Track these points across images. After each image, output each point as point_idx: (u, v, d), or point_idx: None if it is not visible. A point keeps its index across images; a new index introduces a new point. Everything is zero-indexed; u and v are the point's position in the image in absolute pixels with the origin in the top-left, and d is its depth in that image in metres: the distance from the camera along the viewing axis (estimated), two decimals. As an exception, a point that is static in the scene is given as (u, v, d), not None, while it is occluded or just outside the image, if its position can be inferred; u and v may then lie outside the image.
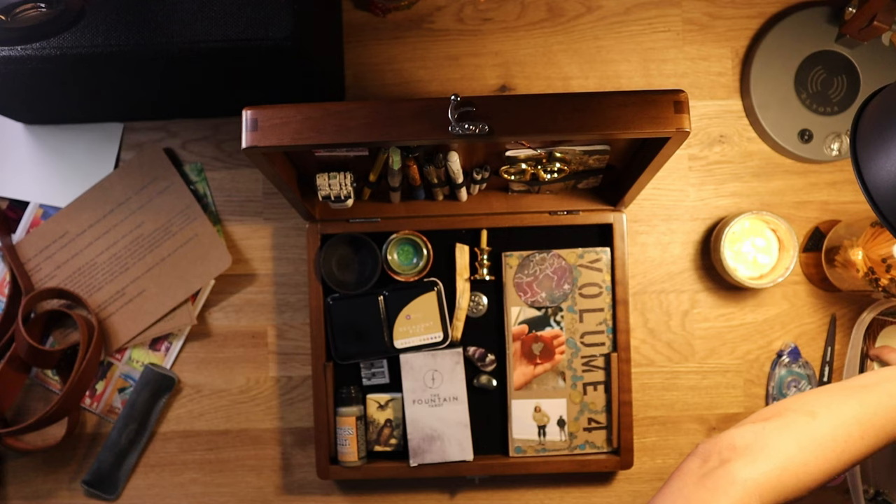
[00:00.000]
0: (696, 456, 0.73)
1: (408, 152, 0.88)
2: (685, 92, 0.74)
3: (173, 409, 1.05)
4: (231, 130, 1.06)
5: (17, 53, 0.81)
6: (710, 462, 0.71)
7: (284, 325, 1.05)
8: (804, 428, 0.73)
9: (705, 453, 0.72)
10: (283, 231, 1.06)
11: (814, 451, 0.72)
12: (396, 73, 1.06)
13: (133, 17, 0.82)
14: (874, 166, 0.67)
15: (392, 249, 1.01)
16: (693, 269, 1.05)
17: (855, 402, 0.75)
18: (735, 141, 1.05)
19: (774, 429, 0.73)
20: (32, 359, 1.00)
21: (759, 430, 0.73)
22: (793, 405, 0.76)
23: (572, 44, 1.06)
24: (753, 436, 0.73)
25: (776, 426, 0.73)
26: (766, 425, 0.74)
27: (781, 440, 0.72)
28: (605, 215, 1.00)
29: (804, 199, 1.05)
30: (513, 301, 1.01)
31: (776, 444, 0.72)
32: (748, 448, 0.71)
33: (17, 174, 1.05)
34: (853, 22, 0.98)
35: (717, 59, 1.06)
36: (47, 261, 1.04)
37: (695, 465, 0.72)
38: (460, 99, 0.73)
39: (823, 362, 1.04)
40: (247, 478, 1.04)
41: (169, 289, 1.03)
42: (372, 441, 1.01)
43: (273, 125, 0.74)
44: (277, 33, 0.81)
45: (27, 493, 1.04)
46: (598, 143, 0.87)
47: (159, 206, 1.04)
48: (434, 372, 1.00)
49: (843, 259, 0.98)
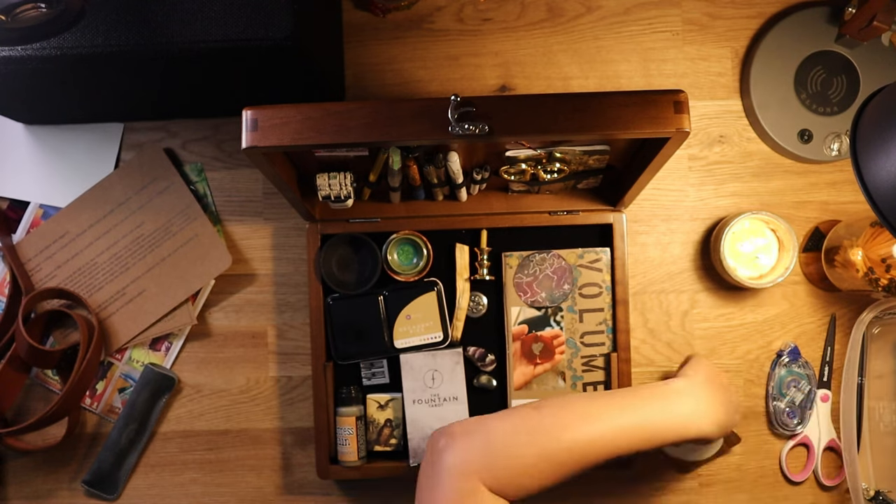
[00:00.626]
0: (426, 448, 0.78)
1: (408, 152, 0.88)
2: (685, 92, 0.74)
3: (173, 409, 1.05)
4: (231, 130, 1.06)
5: (17, 53, 0.81)
6: (432, 456, 0.76)
7: (284, 325, 1.05)
8: (523, 416, 0.78)
9: (430, 445, 0.77)
10: (283, 231, 1.06)
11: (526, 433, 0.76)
12: (396, 73, 1.06)
13: (133, 17, 0.82)
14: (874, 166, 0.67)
15: (392, 249, 1.01)
16: (693, 269, 1.05)
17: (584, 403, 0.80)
18: (735, 141, 1.06)
19: (494, 417, 0.78)
20: (32, 359, 1.00)
21: (480, 419, 0.78)
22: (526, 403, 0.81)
23: (572, 44, 1.06)
24: (473, 423, 0.77)
25: (497, 415, 0.78)
26: (489, 415, 0.78)
27: (496, 425, 0.76)
28: (605, 215, 1.00)
29: (804, 199, 1.05)
30: (513, 301, 1.01)
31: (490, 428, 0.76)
32: (463, 434, 0.76)
33: (17, 174, 1.05)
34: (853, 22, 0.98)
35: (717, 59, 1.06)
36: (47, 261, 1.04)
37: (425, 463, 0.77)
38: (460, 99, 0.73)
39: (823, 362, 1.04)
40: (247, 478, 1.05)
41: (169, 289, 1.03)
42: (372, 441, 1.01)
43: (273, 125, 0.74)
44: (277, 33, 0.81)
45: (27, 493, 1.04)
46: (598, 143, 0.87)
47: (159, 206, 1.04)
48: (434, 372, 1.00)
49: (842, 259, 0.98)
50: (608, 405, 0.80)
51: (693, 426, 0.82)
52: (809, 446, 1.03)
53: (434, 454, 0.75)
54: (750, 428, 1.04)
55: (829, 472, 1.04)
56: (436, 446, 0.76)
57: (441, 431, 0.77)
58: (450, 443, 0.75)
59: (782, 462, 1.03)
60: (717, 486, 1.03)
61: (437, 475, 0.74)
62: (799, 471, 1.03)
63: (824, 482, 1.02)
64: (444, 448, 0.75)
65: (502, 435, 0.75)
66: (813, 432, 1.03)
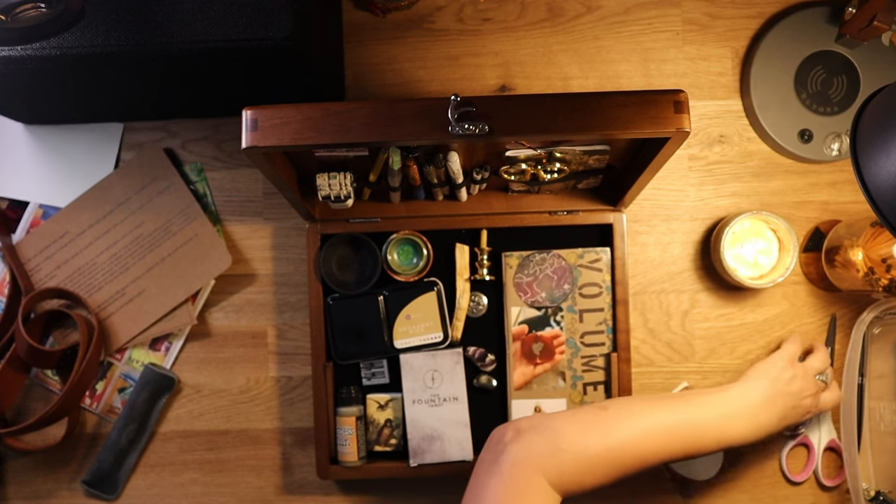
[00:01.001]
0: (488, 442, 0.78)
1: (408, 152, 0.88)
2: (685, 92, 0.74)
3: (173, 409, 1.05)
4: (231, 130, 1.06)
5: (17, 53, 0.81)
6: (497, 447, 0.76)
7: (284, 325, 1.05)
8: (590, 416, 0.79)
9: (494, 439, 0.78)
10: (283, 231, 1.06)
11: (595, 435, 0.77)
12: (396, 73, 1.06)
13: (133, 17, 0.82)
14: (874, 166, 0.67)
15: (392, 249, 1.01)
16: (693, 269, 1.05)
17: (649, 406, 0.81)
18: (735, 141, 1.05)
19: (562, 415, 0.79)
20: (32, 359, 1.00)
21: (547, 416, 0.79)
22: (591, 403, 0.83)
23: (572, 44, 1.06)
24: (540, 419, 0.78)
25: (565, 413, 0.79)
26: (556, 412, 0.79)
27: (565, 424, 0.77)
28: (605, 215, 1.00)
29: (804, 199, 1.05)
30: (513, 301, 1.01)
31: (559, 426, 0.77)
32: (531, 429, 0.76)
33: (17, 174, 1.05)
34: (853, 22, 0.98)
35: (717, 59, 1.06)
36: (47, 261, 1.04)
37: (486, 454, 0.77)
38: (460, 99, 0.73)
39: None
40: (247, 478, 1.04)
41: (169, 289, 1.03)
42: (372, 441, 1.01)
43: (273, 125, 0.74)
44: (277, 33, 0.81)
45: (27, 493, 1.04)
46: (598, 143, 0.87)
47: (159, 206, 1.04)
48: (434, 372, 1.00)
49: (843, 259, 0.98)
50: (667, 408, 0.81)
51: (740, 436, 0.84)
52: (810, 446, 1.03)
53: (499, 445, 0.76)
54: (750, 428, 1.04)
55: (830, 472, 1.04)
56: (502, 438, 0.76)
57: (506, 426, 0.78)
58: (517, 436, 0.76)
59: (782, 462, 1.03)
60: (718, 485, 1.03)
61: (500, 465, 0.74)
62: (799, 471, 1.03)
63: (825, 482, 1.02)
64: (512, 441, 0.75)
65: (571, 433, 0.76)
66: (813, 432, 1.02)
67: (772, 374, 0.89)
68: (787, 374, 0.90)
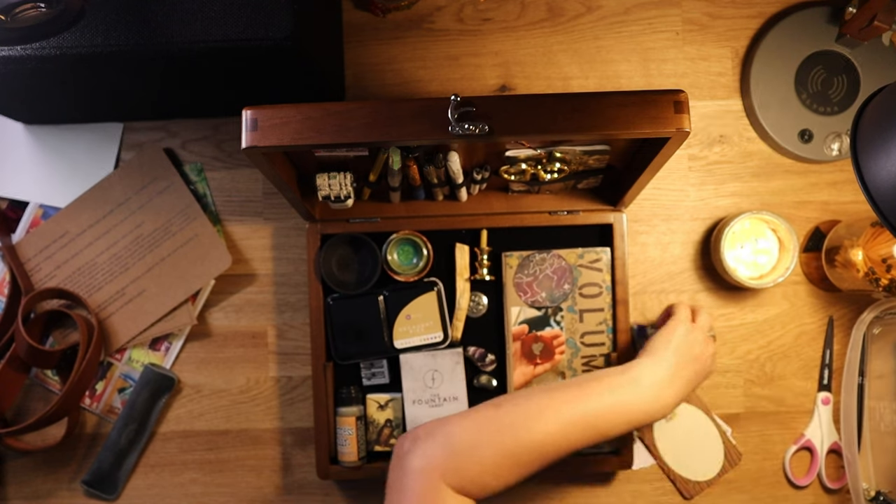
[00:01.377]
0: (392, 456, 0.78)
1: (408, 152, 0.88)
2: (685, 92, 0.74)
3: (173, 409, 1.05)
4: (231, 130, 1.06)
5: (17, 53, 0.81)
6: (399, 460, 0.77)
7: (284, 325, 1.05)
8: (483, 415, 0.79)
9: (396, 449, 0.78)
10: (283, 231, 1.06)
11: (490, 433, 0.77)
12: (396, 73, 1.06)
13: (133, 17, 0.82)
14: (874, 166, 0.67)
15: (392, 249, 1.01)
16: (693, 269, 1.05)
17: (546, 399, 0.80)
18: (735, 141, 1.05)
19: (455, 418, 0.79)
20: (32, 359, 1.00)
21: (441, 420, 0.79)
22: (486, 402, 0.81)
23: (572, 44, 1.06)
24: (434, 425, 0.78)
25: (459, 415, 0.79)
26: (450, 416, 0.79)
27: (458, 426, 0.77)
28: (605, 215, 1.00)
29: (804, 199, 1.05)
30: (513, 301, 1.01)
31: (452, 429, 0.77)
32: (427, 436, 0.77)
33: (17, 174, 1.05)
34: (853, 22, 0.98)
35: (717, 59, 1.06)
36: (47, 261, 1.04)
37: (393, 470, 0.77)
38: (460, 99, 0.73)
39: (823, 365, 1.04)
40: (247, 478, 1.04)
41: (169, 289, 1.03)
42: (372, 441, 1.01)
43: (273, 125, 0.74)
44: (277, 33, 0.81)
45: (27, 493, 1.04)
46: (598, 143, 0.87)
47: (159, 206, 1.04)
48: (434, 372, 1.00)
49: (843, 259, 0.98)
50: (563, 400, 0.80)
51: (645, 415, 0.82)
52: (813, 450, 1.03)
53: (399, 458, 0.76)
54: (750, 429, 1.04)
55: (833, 474, 1.04)
56: (401, 450, 0.77)
57: (405, 435, 0.78)
58: (413, 445, 0.76)
59: (786, 466, 1.03)
60: (717, 486, 1.03)
61: (402, 478, 0.75)
62: (803, 475, 1.03)
63: (828, 485, 1.02)
64: (408, 451, 0.76)
65: (463, 435, 0.76)
66: (815, 435, 1.02)
67: (674, 344, 0.87)
68: (688, 338, 0.88)
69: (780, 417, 1.04)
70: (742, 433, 1.03)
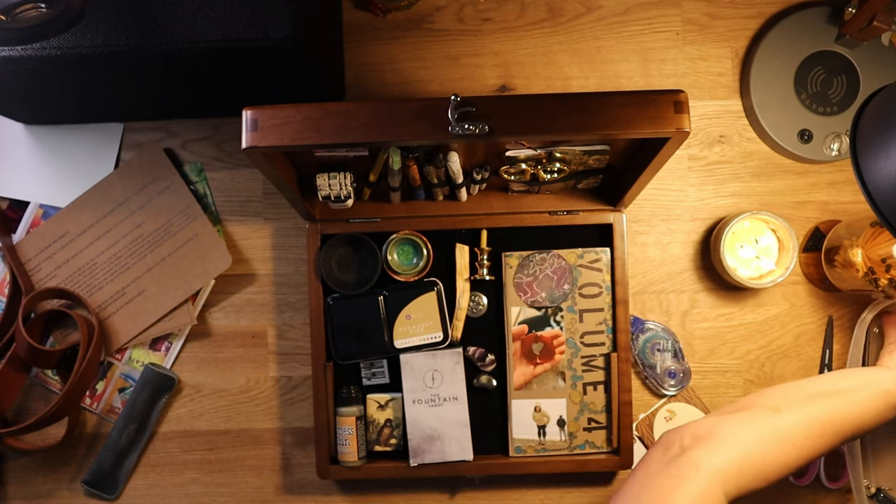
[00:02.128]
0: (659, 445, 0.76)
1: (408, 152, 0.88)
2: (685, 92, 0.74)
3: (173, 409, 1.05)
4: (231, 130, 1.06)
5: (17, 53, 0.81)
6: (672, 450, 0.74)
7: (284, 325, 1.05)
8: (766, 421, 0.76)
9: (668, 442, 0.75)
10: (283, 231, 1.06)
11: (774, 443, 0.75)
12: (396, 73, 1.06)
13: (133, 17, 0.82)
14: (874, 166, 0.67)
15: (392, 249, 1.01)
16: (693, 269, 1.05)
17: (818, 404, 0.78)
18: (735, 141, 1.06)
19: (738, 420, 0.76)
20: (32, 359, 1.00)
21: (722, 421, 0.76)
22: (756, 400, 0.79)
23: (572, 44, 1.06)
24: (716, 425, 0.76)
25: (739, 418, 0.77)
26: (729, 417, 0.77)
27: (744, 431, 0.75)
28: (605, 215, 1.00)
29: (804, 199, 1.05)
30: (513, 301, 1.01)
31: (738, 433, 0.75)
32: (711, 436, 0.74)
33: (17, 174, 1.05)
34: (853, 22, 0.98)
35: (717, 59, 1.06)
36: (47, 261, 1.04)
37: (658, 454, 0.75)
38: (460, 99, 0.73)
39: (822, 365, 1.04)
40: (247, 478, 1.04)
41: (169, 289, 1.03)
42: (372, 441, 1.01)
43: (273, 125, 0.74)
44: (277, 33, 0.81)
45: (27, 493, 1.04)
46: (598, 143, 0.87)
47: (159, 206, 1.04)
48: (434, 372, 1.00)
49: (842, 259, 0.98)
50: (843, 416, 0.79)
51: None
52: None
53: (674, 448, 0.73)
54: (750, 428, 1.04)
55: (833, 474, 1.03)
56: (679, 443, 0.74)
57: (680, 430, 0.75)
58: (697, 443, 0.73)
59: None
60: (717, 486, 1.03)
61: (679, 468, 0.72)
62: (802, 474, 1.03)
63: (827, 485, 1.02)
64: (692, 447, 0.73)
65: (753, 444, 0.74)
66: None
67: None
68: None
69: (780, 417, 1.04)
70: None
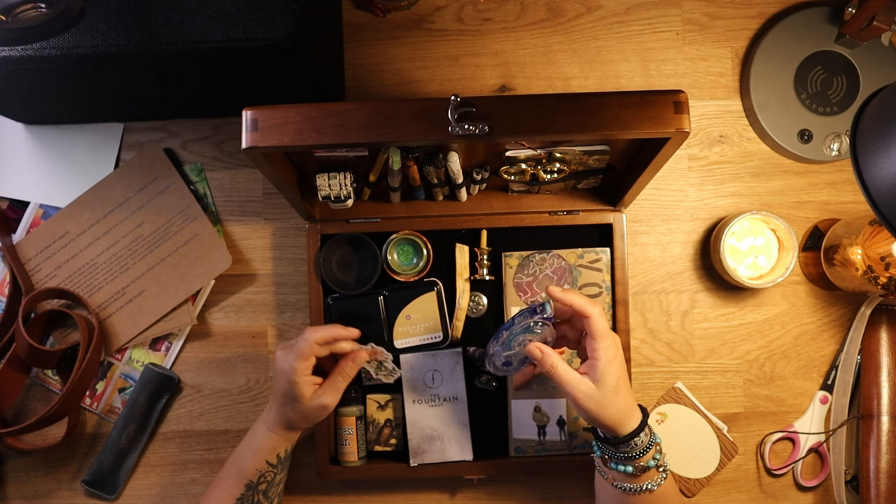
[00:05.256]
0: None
1: (408, 152, 0.88)
2: (685, 92, 0.74)
3: (173, 409, 1.05)
4: (231, 130, 1.06)
5: (17, 53, 0.81)
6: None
7: (284, 325, 1.05)
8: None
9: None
10: (283, 231, 1.06)
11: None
12: (396, 73, 1.06)
13: (133, 18, 0.82)
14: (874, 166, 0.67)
15: (392, 249, 1.01)
16: (693, 269, 1.05)
17: None
18: (735, 141, 1.06)
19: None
20: (32, 359, 1.00)
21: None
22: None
23: (572, 44, 1.06)
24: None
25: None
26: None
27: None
28: (605, 215, 1.00)
29: (804, 199, 1.05)
30: (513, 301, 1.01)
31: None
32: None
33: (17, 174, 1.05)
34: (853, 22, 0.98)
35: (717, 59, 1.06)
36: (47, 261, 1.04)
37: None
38: (460, 99, 0.73)
39: (832, 366, 1.04)
40: (247, 478, 1.04)
41: (169, 289, 1.03)
42: (372, 441, 1.01)
43: (273, 125, 0.74)
44: (277, 33, 0.81)
45: (27, 493, 1.04)
46: (598, 144, 0.87)
47: (159, 206, 1.04)
48: (434, 372, 1.00)
49: (841, 258, 0.98)
50: None
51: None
52: (795, 441, 1.03)
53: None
54: (750, 428, 1.04)
55: (808, 473, 1.04)
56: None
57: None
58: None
59: (765, 451, 1.03)
60: (718, 485, 1.04)
61: None
62: (780, 462, 1.03)
63: (801, 482, 1.02)
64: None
65: None
66: (803, 428, 1.03)
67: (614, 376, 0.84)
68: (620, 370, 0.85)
69: (780, 417, 1.04)
70: (742, 433, 1.03)
